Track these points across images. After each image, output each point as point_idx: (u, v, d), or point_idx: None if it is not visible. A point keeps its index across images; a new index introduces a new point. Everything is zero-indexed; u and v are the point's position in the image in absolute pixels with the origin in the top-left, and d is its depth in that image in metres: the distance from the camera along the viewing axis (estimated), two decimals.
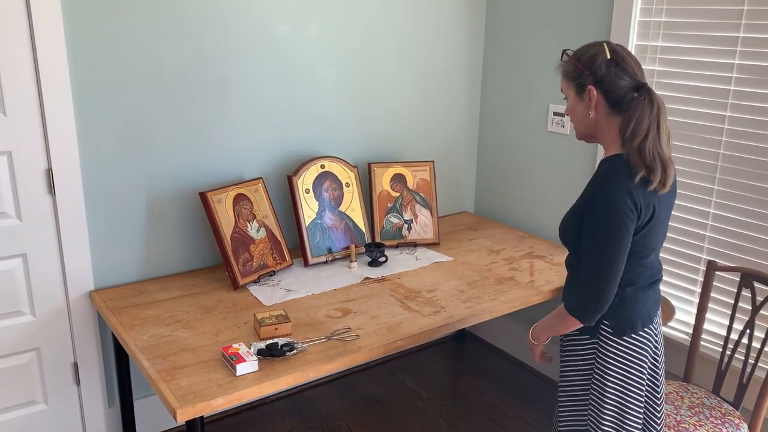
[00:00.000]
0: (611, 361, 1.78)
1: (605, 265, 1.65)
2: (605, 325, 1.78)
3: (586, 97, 1.72)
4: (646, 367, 1.81)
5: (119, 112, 2.37)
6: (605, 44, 1.72)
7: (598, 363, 1.80)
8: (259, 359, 1.94)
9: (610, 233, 1.63)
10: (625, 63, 1.70)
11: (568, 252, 1.85)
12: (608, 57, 1.68)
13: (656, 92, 1.71)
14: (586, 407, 1.86)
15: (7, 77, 2.13)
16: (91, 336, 2.47)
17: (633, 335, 1.78)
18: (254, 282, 2.49)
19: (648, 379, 1.84)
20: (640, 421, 1.83)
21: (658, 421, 1.88)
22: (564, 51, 1.78)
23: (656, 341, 1.84)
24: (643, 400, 1.82)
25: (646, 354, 1.80)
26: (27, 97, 2.18)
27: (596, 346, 1.80)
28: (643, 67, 2.66)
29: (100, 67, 2.30)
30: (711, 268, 2.36)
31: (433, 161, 3.02)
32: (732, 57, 2.37)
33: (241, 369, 1.88)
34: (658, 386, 1.86)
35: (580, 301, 1.70)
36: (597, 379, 1.81)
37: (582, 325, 1.75)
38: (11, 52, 2.12)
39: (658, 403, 1.87)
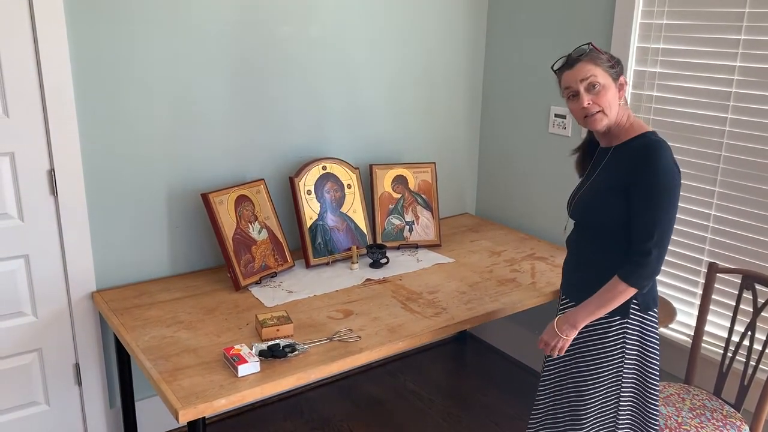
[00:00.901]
0: (636, 338, 1.89)
1: (665, 227, 1.75)
2: (635, 302, 1.87)
3: (617, 87, 1.83)
4: (658, 341, 1.94)
5: (121, 114, 2.38)
6: None
7: (628, 343, 1.88)
8: (260, 360, 1.94)
9: (669, 197, 1.74)
10: None
11: (573, 230, 1.97)
12: (617, 58, 1.86)
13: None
14: (615, 389, 1.91)
15: (10, 79, 2.14)
16: (93, 337, 2.47)
17: (655, 308, 1.91)
18: (256, 283, 2.49)
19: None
20: (658, 396, 1.97)
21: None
22: (590, 43, 1.86)
23: None
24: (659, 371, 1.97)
25: (657, 328, 1.94)
26: (30, 99, 2.18)
27: (626, 325, 1.88)
28: (644, 69, 2.68)
29: (102, 69, 2.30)
30: (712, 269, 2.36)
31: (434, 163, 3.02)
32: (733, 59, 2.37)
33: (243, 370, 1.88)
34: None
35: (641, 267, 1.77)
36: (627, 360, 1.89)
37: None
38: (14, 54, 2.13)
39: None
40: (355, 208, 2.84)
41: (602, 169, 1.88)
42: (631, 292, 1.80)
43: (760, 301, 2.22)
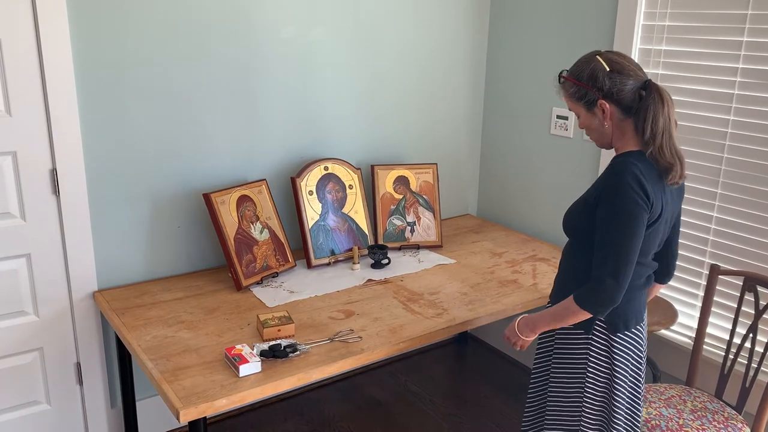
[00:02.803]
0: (603, 357, 1.82)
1: (621, 256, 1.66)
2: (600, 321, 1.80)
3: (598, 112, 1.74)
4: (629, 364, 1.84)
5: (124, 114, 2.38)
6: (598, 56, 1.73)
7: (591, 359, 1.82)
8: (262, 360, 1.94)
9: (624, 224, 1.65)
10: (624, 69, 1.71)
11: (568, 242, 1.90)
12: (608, 69, 1.70)
13: (660, 84, 1.73)
14: (576, 402, 1.87)
15: (13, 78, 2.14)
16: (94, 336, 2.47)
17: (626, 332, 1.81)
18: (257, 283, 2.49)
19: (631, 377, 1.87)
20: (624, 417, 1.86)
21: (640, 421, 1.92)
22: (560, 74, 1.80)
23: (643, 341, 1.88)
24: (627, 395, 1.86)
25: (633, 352, 1.84)
26: (32, 98, 2.19)
27: (590, 341, 1.82)
28: (647, 71, 2.67)
29: (105, 69, 2.31)
30: (714, 271, 2.36)
31: (436, 164, 3.02)
32: (736, 61, 2.37)
33: (244, 370, 1.88)
34: (640, 385, 1.90)
35: (594, 293, 1.69)
36: (590, 375, 1.83)
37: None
38: (17, 54, 2.13)
39: (640, 402, 1.91)
40: (356, 208, 2.84)
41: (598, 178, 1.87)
42: (585, 315, 1.73)
43: (762, 303, 2.22)
